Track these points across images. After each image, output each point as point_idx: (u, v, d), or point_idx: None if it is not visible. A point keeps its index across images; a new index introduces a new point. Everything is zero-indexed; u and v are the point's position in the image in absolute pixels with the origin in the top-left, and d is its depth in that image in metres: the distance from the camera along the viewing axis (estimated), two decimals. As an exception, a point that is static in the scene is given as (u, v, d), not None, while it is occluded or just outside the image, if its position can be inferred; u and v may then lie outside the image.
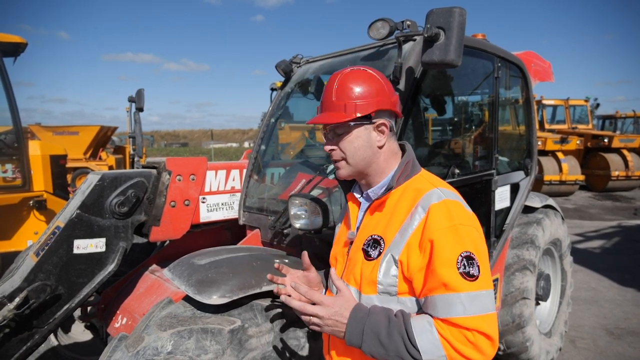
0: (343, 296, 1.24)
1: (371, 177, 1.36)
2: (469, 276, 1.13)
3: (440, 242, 1.15)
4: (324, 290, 1.51)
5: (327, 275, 1.53)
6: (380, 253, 1.25)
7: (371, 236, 1.30)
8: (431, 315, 1.16)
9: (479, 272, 1.14)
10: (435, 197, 1.23)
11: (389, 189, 1.29)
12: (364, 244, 1.31)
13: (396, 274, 1.22)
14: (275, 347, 1.78)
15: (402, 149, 1.41)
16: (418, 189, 1.27)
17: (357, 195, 1.45)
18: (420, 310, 1.22)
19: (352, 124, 1.28)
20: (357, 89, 1.28)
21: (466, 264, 1.13)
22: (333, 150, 1.34)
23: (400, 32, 2.04)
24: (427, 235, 1.17)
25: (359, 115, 1.26)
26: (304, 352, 1.85)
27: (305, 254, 1.47)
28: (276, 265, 1.47)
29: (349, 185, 1.51)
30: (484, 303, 1.13)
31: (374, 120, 1.30)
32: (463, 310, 1.11)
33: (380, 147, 1.33)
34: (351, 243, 1.38)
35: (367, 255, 1.28)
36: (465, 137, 3.11)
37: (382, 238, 1.27)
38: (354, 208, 1.45)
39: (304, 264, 1.47)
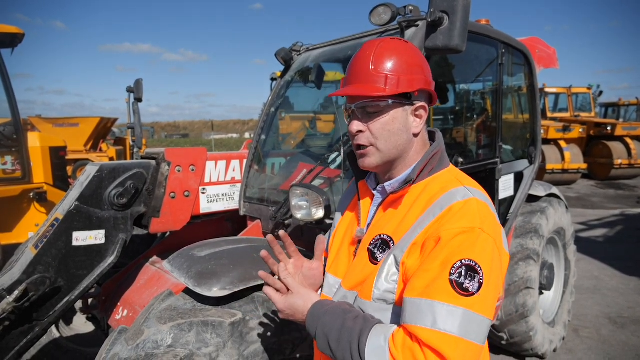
0: (306, 290, 1.16)
1: (397, 170, 1.16)
2: (461, 288, 0.91)
3: (445, 240, 0.96)
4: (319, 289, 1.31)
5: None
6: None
7: (379, 236, 1.12)
8: (399, 323, 0.99)
9: (477, 290, 0.91)
10: (460, 196, 1.04)
11: (407, 182, 1.09)
12: (370, 244, 1.14)
13: (396, 278, 1.05)
14: (277, 340, 1.77)
15: (432, 138, 1.22)
16: (442, 186, 1.09)
17: (371, 186, 1.26)
18: None
19: (390, 101, 1.07)
20: (401, 61, 1.08)
21: (464, 273, 0.92)
22: (361, 132, 1.11)
23: (402, 17, 1.99)
24: (436, 232, 0.98)
25: (402, 91, 1.07)
26: (306, 343, 1.83)
27: (284, 233, 1.27)
28: (263, 253, 1.22)
29: (362, 170, 1.28)
30: (467, 326, 0.89)
31: (414, 102, 1.11)
32: (431, 322, 0.89)
33: (416, 135, 1.14)
34: (359, 241, 1.20)
35: (373, 257, 1.12)
36: (469, 126, 3.07)
37: (391, 239, 1.09)
38: (366, 200, 1.26)
39: (287, 246, 1.27)
